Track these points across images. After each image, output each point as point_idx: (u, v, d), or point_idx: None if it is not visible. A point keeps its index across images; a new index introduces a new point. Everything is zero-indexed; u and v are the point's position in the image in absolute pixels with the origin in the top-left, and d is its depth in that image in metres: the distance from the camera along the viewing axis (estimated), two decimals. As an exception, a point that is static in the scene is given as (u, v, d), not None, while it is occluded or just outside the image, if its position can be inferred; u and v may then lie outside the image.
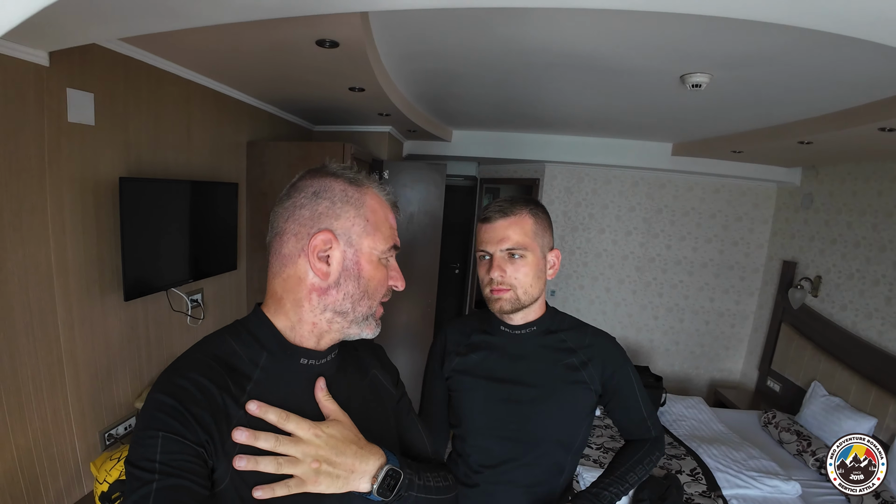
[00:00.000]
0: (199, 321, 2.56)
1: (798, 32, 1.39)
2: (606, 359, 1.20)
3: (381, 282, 0.80)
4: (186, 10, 1.37)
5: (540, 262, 1.14)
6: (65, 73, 1.70)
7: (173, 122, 2.29)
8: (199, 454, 0.64)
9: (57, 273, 1.77)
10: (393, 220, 0.83)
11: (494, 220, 1.13)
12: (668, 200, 4.61)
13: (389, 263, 0.83)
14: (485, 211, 1.16)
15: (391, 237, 0.81)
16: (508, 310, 1.14)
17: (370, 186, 0.80)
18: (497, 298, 1.14)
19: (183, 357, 0.74)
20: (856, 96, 2.16)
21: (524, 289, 1.12)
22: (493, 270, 1.12)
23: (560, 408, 1.17)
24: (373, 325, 0.81)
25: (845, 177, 3.52)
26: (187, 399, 0.66)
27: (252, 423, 0.70)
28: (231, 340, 0.76)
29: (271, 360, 0.76)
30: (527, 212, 1.14)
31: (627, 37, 1.82)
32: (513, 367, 1.20)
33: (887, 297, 3.05)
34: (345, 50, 1.90)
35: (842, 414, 3.06)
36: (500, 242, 1.11)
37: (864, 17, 1.10)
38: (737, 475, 2.80)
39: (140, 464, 0.61)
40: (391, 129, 3.83)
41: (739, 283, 4.64)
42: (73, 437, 1.89)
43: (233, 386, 0.71)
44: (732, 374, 4.73)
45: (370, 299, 0.79)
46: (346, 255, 0.76)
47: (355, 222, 0.76)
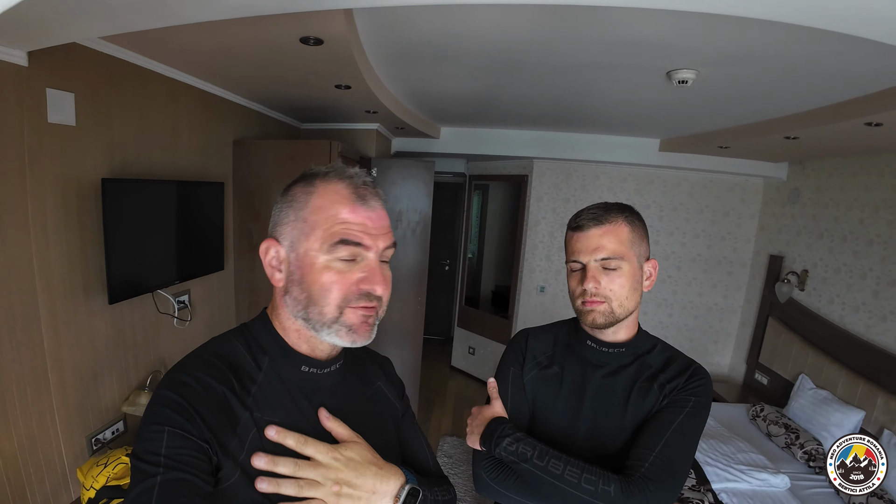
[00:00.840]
0: (186, 323, 2.54)
1: (785, 28, 1.39)
2: (684, 384, 1.06)
3: (325, 286, 0.73)
4: (170, 8, 1.35)
5: (636, 273, 1.07)
6: (45, 73, 1.67)
7: (158, 122, 2.26)
8: (203, 450, 0.65)
9: (39, 276, 1.75)
10: (353, 211, 0.74)
11: (588, 229, 1.06)
12: (656, 196, 4.63)
13: (361, 264, 0.75)
14: (576, 218, 1.09)
15: (339, 232, 0.73)
16: (602, 323, 1.06)
17: (326, 180, 0.76)
18: (590, 311, 1.06)
19: (189, 356, 0.75)
20: (842, 91, 2.16)
21: (619, 301, 1.05)
22: (587, 281, 1.04)
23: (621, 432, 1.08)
24: (343, 332, 0.74)
25: (832, 171, 3.55)
26: (192, 396, 0.67)
27: (262, 434, 0.71)
28: (237, 342, 0.78)
29: (273, 364, 0.77)
30: (622, 219, 1.06)
31: (614, 33, 1.82)
32: (592, 387, 1.11)
33: (874, 291, 3.08)
34: (329, 47, 1.89)
35: (830, 407, 3.10)
36: (595, 252, 1.04)
37: (856, 14, 1.11)
38: (726, 469, 2.82)
39: (145, 457, 0.62)
40: (379, 127, 3.82)
41: (727, 277, 4.67)
42: (60, 441, 1.87)
43: (238, 386, 0.72)
44: (721, 368, 4.77)
45: (318, 305, 0.73)
46: (290, 260, 0.76)
47: (294, 226, 0.75)
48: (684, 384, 1.06)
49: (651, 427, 1.03)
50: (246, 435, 0.70)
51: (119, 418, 2.15)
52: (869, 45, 1.25)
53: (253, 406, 0.72)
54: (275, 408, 0.73)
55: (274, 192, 2.91)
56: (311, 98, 2.87)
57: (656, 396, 1.06)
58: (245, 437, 0.69)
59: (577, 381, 1.13)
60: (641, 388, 1.08)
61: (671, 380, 1.07)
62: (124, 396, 2.17)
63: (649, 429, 1.03)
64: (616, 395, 1.09)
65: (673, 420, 1.02)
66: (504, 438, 1.03)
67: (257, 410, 0.72)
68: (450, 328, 6.33)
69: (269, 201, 2.94)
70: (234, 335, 0.79)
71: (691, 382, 1.06)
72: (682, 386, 1.06)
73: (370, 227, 0.75)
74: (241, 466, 0.68)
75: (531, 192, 4.72)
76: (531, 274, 4.84)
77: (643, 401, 1.07)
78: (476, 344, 5.40)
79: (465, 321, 5.55)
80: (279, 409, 0.74)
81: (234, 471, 0.67)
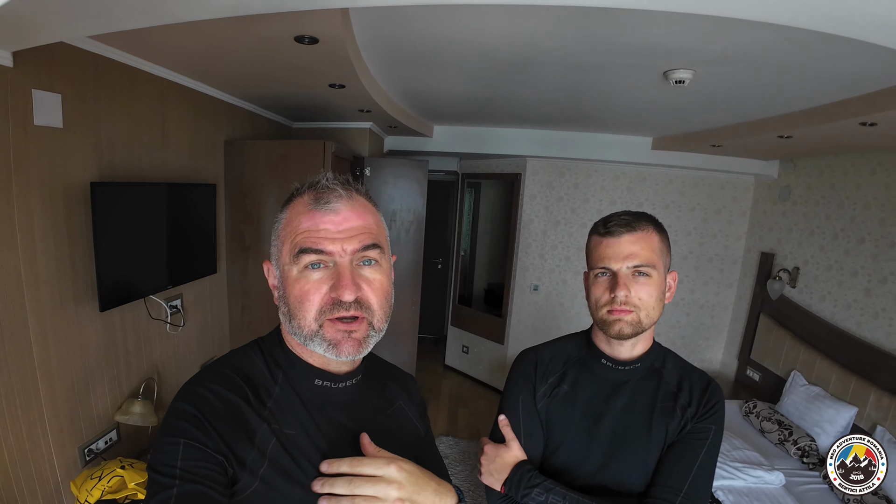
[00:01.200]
0: (179, 328, 2.49)
1: (782, 29, 1.38)
2: (703, 410, 1.05)
3: (298, 298, 0.72)
4: (162, 7, 1.31)
5: (662, 284, 1.04)
6: (30, 73, 1.61)
7: (148, 123, 2.20)
8: (219, 462, 0.65)
9: (27, 283, 1.69)
10: (312, 218, 0.73)
11: (619, 235, 1.02)
12: (648, 194, 4.64)
13: (329, 270, 0.72)
14: (605, 224, 1.05)
15: (299, 242, 0.72)
16: (629, 334, 1.03)
17: (299, 195, 0.77)
18: (617, 320, 1.02)
19: (206, 369, 0.75)
20: (837, 91, 2.17)
21: (647, 311, 1.01)
22: (618, 289, 1.00)
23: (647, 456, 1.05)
24: (326, 347, 0.72)
25: (823, 169, 3.58)
26: (208, 409, 0.67)
27: (283, 444, 0.70)
28: (253, 356, 0.79)
29: (287, 378, 0.77)
30: (653, 228, 1.04)
31: (613, 33, 1.80)
32: (609, 407, 1.08)
33: (866, 289, 3.11)
34: (324, 46, 1.85)
35: (822, 403, 3.13)
36: (627, 259, 1.01)
37: (857, 18, 1.10)
38: (721, 466, 2.84)
39: (161, 469, 0.62)
40: (372, 126, 3.77)
41: (718, 274, 4.70)
42: (52, 453, 1.81)
43: (254, 399, 0.72)
44: (713, 364, 4.81)
45: (297, 318, 0.72)
46: (276, 276, 0.78)
47: (275, 245, 0.78)
48: (704, 409, 1.05)
49: (675, 463, 1.01)
50: (265, 446, 0.69)
51: (112, 427, 2.10)
52: (864, 46, 1.25)
53: (270, 418, 0.71)
54: (291, 421, 0.73)
55: (267, 193, 2.87)
56: (304, 97, 2.82)
57: (678, 421, 1.05)
58: (265, 448, 0.69)
59: (592, 404, 1.09)
60: (663, 410, 1.06)
61: (691, 402, 1.06)
62: (117, 405, 2.12)
63: (674, 464, 1.01)
64: (637, 420, 1.06)
65: (697, 455, 1.01)
66: (533, 489, 1.01)
67: (275, 423, 0.71)
68: (443, 327, 6.32)
69: (261, 203, 2.89)
70: (250, 349, 0.80)
71: (710, 407, 1.05)
72: (702, 412, 1.04)
73: (332, 230, 0.72)
74: (260, 478, 0.67)
75: (524, 191, 4.71)
76: (524, 272, 4.83)
77: (667, 425, 1.05)
78: (470, 342, 5.38)
79: (459, 320, 5.54)
80: (295, 422, 0.73)
81: (253, 482, 0.66)
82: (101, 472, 1.73)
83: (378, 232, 0.77)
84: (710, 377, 1.10)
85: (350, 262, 0.73)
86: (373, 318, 0.74)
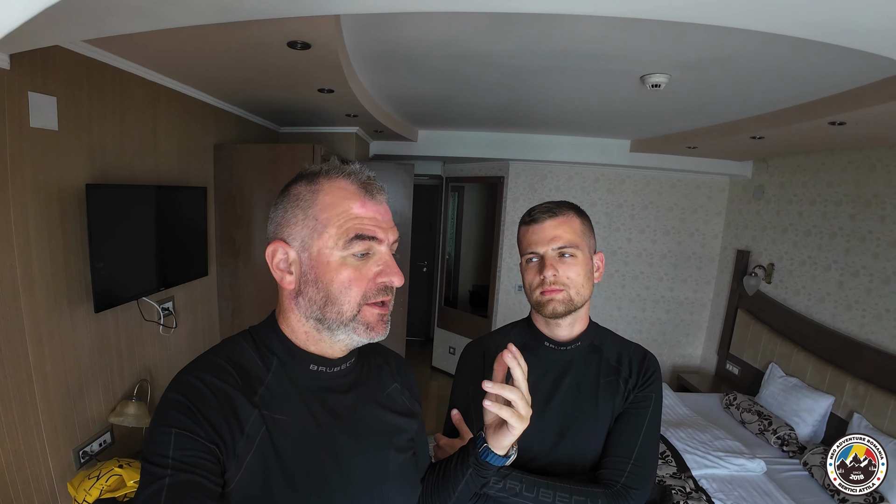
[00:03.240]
0: (171, 330, 2.49)
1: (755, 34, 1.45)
2: (642, 380, 1.13)
3: (344, 283, 0.73)
4: (156, 12, 1.33)
5: (588, 263, 1.11)
6: (26, 76, 1.62)
7: (139, 126, 2.21)
8: (211, 451, 0.65)
9: (23, 286, 1.69)
10: (364, 206, 0.75)
11: (543, 221, 1.10)
12: (627, 195, 4.76)
13: (374, 258, 0.75)
14: (529, 214, 1.13)
15: (354, 228, 0.73)
16: (562, 311, 1.08)
17: (330, 177, 0.75)
18: (549, 300, 1.08)
19: (198, 359, 0.75)
20: (808, 93, 2.28)
21: (576, 289, 1.08)
22: (546, 269, 1.07)
23: (598, 430, 1.11)
24: (361, 330, 0.75)
25: (795, 168, 3.73)
26: (198, 399, 0.67)
27: (271, 432, 0.71)
28: (245, 344, 0.78)
29: (282, 365, 0.77)
30: (574, 213, 1.12)
31: (592, 40, 1.87)
32: (557, 387, 1.13)
33: (839, 282, 3.25)
34: (317, 51, 1.89)
35: (800, 393, 3.25)
36: (551, 242, 1.08)
37: (827, 22, 1.17)
38: (704, 456, 2.93)
39: (153, 459, 0.63)
40: (358, 130, 3.81)
41: (696, 272, 4.84)
42: (47, 456, 1.81)
43: (245, 387, 0.73)
44: (693, 360, 4.94)
45: (336, 304, 0.73)
46: (301, 260, 0.75)
47: (305, 224, 0.74)
48: (644, 379, 1.13)
49: (622, 431, 1.09)
50: (255, 433, 0.70)
51: (106, 429, 2.09)
52: (832, 48, 1.33)
53: (260, 404, 0.72)
54: (283, 406, 0.74)
55: (256, 196, 2.88)
56: (293, 102, 2.85)
57: (623, 393, 1.12)
58: (254, 436, 0.70)
59: (539, 387, 1.12)
60: (608, 384, 1.13)
61: (631, 373, 1.14)
62: (111, 407, 2.11)
63: (621, 433, 1.09)
64: (584, 398, 1.12)
65: (641, 423, 1.09)
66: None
67: (265, 408, 0.72)
68: (429, 329, 6.35)
69: (251, 206, 2.90)
70: (242, 337, 0.80)
71: (648, 376, 1.13)
72: (642, 382, 1.12)
73: (381, 220, 0.76)
74: (245, 467, 0.68)
75: (507, 193, 4.79)
76: (509, 273, 4.91)
77: (613, 398, 1.12)
78: (456, 344, 5.43)
79: (445, 321, 5.58)
80: (287, 407, 0.74)
81: (239, 470, 0.68)
82: (100, 472, 1.74)
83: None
84: (646, 349, 1.19)
85: (389, 251, 0.77)
86: (392, 303, 0.80)
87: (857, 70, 1.92)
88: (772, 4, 1.13)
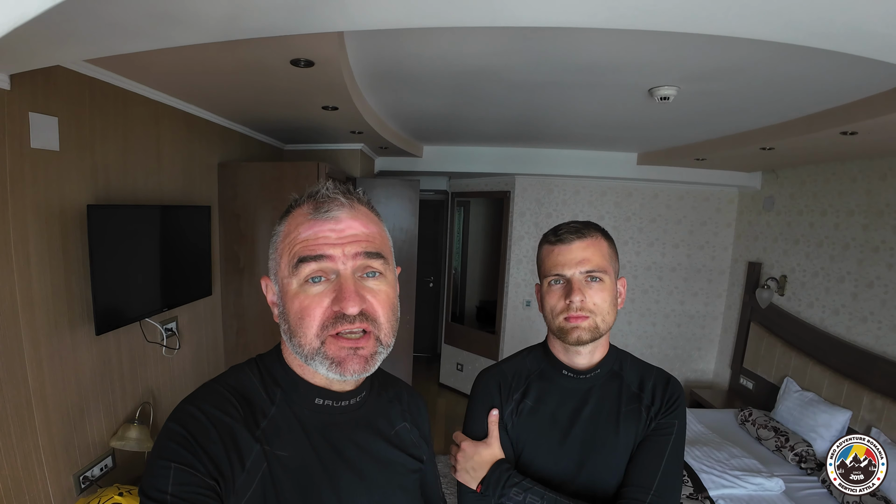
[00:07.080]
0: (174, 351, 2.46)
1: (765, 45, 1.43)
2: (666, 407, 1.07)
3: (298, 313, 0.68)
4: (157, 32, 1.33)
5: (614, 289, 1.05)
6: (27, 96, 1.62)
7: (142, 146, 2.20)
8: (210, 486, 0.62)
9: (22, 308, 1.67)
10: (310, 227, 0.70)
11: (570, 241, 1.03)
12: (635, 208, 4.72)
13: (333, 282, 0.69)
14: (555, 233, 1.06)
15: (297, 252, 0.69)
16: (587, 339, 1.02)
17: (296, 206, 0.74)
18: (574, 327, 1.02)
19: (203, 387, 0.72)
20: (818, 102, 2.25)
21: (602, 316, 1.02)
22: (573, 294, 1.00)
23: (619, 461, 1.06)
24: (328, 365, 0.68)
25: (805, 179, 3.68)
26: (199, 431, 0.65)
27: (272, 469, 0.68)
28: (250, 374, 0.76)
29: (286, 397, 0.74)
30: (601, 234, 1.06)
31: (600, 53, 1.86)
32: (576, 418, 1.08)
33: (853, 294, 3.18)
34: (320, 69, 1.88)
35: (816, 408, 3.16)
36: (580, 265, 1.01)
37: (837, 30, 1.15)
38: (721, 475, 2.84)
39: (151, 494, 0.60)
40: (363, 147, 3.81)
41: (707, 285, 4.77)
42: (47, 482, 1.77)
43: (248, 420, 0.69)
44: (706, 375, 4.84)
45: (297, 335, 0.69)
46: (276, 292, 0.75)
47: (273, 258, 0.75)
48: (667, 405, 1.06)
49: (643, 461, 1.03)
50: (256, 470, 0.67)
51: (107, 454, 2.05)
52: (843, 57, 1.30)
53: (263, 439, 0.69)
54: (285, 441, 0.70)
55: (261, 214, 2.87)
56: (297, 119, 2.85)
57: (644, 421, 1.06)
58: (255, 472, 0.67)
59: (558, 416, 1.08)
60: (629, 413, 1.07)
61: (654, 400, 1.08)
62: (112, 431, 2.07)
63: (642, 463, 1.03)
64: (604, 427, 1.06)
65: (663, 451, 1.03)
66: (511, 487, 1.00)
67: (267, 443, 0.69)
68: (436, 345, 6.29)
69: (255, 224, 2.89)
70: (248, 366, 0.77)
71: (672, 402, 1.07)
72: (665, 408, 1.06)
73: (333, 237, 0.69)
74: (247, 502, 0.65)
75: (514, 208, 4.76)
76: (516, 289, 4.85)
77: (635, 427, 1.06)
78: (464, 360, 5.36)
79: (452, 337, 5.52)
80: (290, 442, 0.71)
81: None
82: (99, 499, 1.69)
83: (381, 241, 0.75)
84: (669, 374, 1.12)
85: (353, 274, 0.69)
86: (380, 332, 0.71)
87: (868, 79, 1.89)
88: (781, 14, 1.10)
